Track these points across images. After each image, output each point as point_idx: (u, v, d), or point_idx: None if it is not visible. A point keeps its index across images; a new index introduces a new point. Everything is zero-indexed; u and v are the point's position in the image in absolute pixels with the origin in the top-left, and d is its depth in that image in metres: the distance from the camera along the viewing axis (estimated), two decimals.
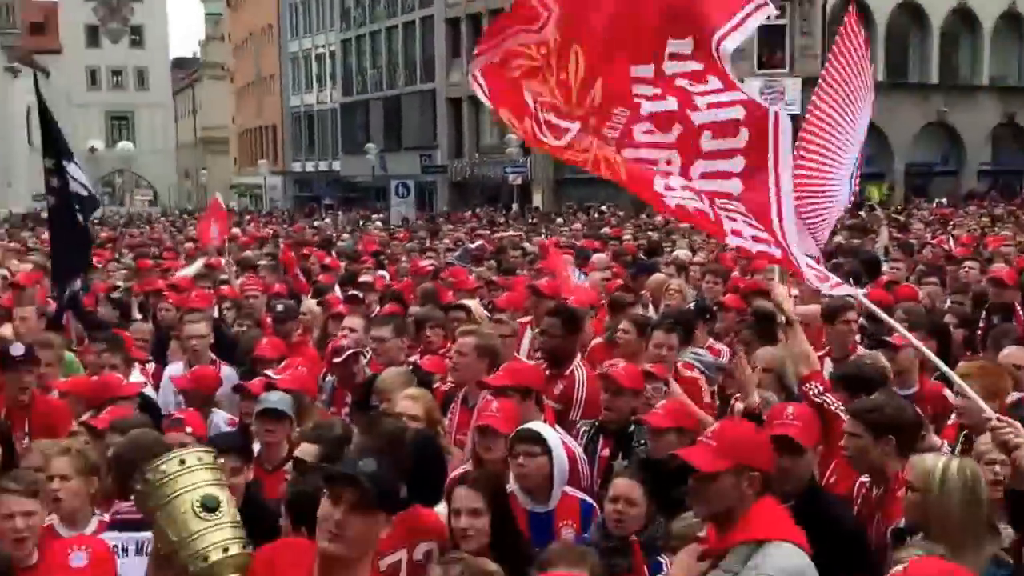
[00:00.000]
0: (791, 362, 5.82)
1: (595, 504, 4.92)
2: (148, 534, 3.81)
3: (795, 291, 7.10)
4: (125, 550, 3.92)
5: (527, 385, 5.51)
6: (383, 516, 3.07)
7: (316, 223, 33.91)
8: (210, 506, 2.73)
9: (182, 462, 2.79)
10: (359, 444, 4.25)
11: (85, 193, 9.21)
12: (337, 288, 11.87)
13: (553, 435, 4.88)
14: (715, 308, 8.68)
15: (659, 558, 4.26)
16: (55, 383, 6.73)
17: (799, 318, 5.52)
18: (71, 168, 8.98)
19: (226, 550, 2.73)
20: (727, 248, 15.12)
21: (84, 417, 5.73)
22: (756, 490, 3.57)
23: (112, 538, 3.93)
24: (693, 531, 3.89)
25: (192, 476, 2.78)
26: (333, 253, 17.40)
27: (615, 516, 4.49)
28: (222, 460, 2.99)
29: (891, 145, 41.92)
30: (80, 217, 9.16)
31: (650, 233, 19.98)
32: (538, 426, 4.93)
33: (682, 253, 13.88)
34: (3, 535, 4.19)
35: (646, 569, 4.13)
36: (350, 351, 6.90)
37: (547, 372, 6.50)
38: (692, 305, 8.79)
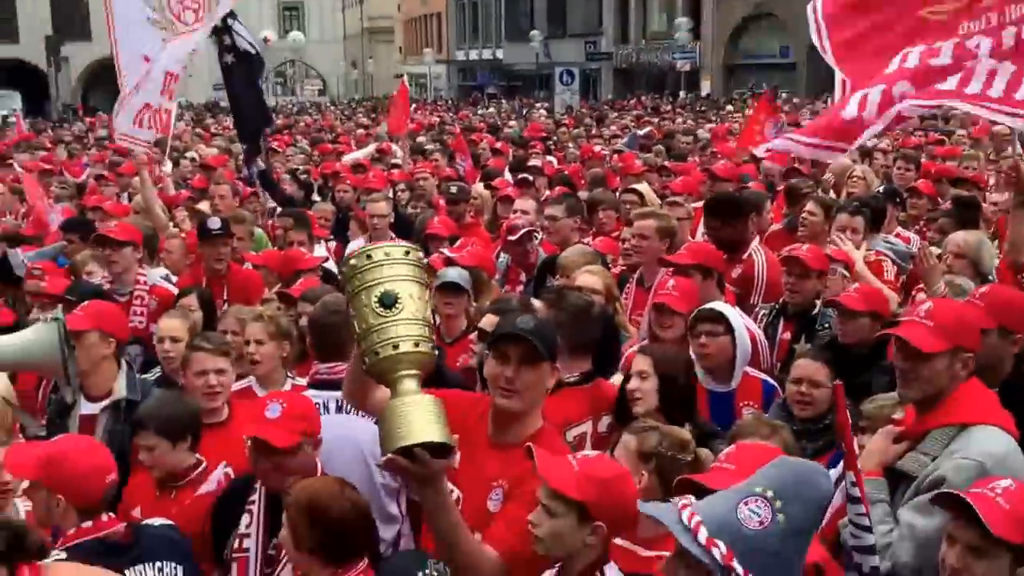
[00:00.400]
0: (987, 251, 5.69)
1: (777, 386, 4.86)
2: None
3: None
4: (326, 408, 4.08)
5: (709, 265, 5.44)
6: (548, 366, 3.21)
7: (481, 111, 33.98)
8: (387, 303, 2.69)
9: (368, 257, 2.77)
10: (549, 317, 4.29)
11: (253, 51, 9.47)
12: (507, 172, 11.95)
13: (735, 315, 4.82)
14: (905, 194, 8.29)
15: None
16: (248, 255, 7.09)
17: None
18: (236, 26, 9.24)
19: (396, 347, 2.69)
20: (914, 132, 14.47)
21: (277, 288, 6.03)
22: (968, 372, 3.42)
23: (312, 395, 4.08)
24: (885, 413, 3.78)
25: (376, 272, 2.74)
26: (501, 139, 17.45)
27: (798, 398, 4.42)
28: (420, 255, 2.88)
29: None
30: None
31: None
32: (720, 306, 4.87)
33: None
34: (196, 390, 4.47)
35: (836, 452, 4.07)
36: (525, 230, 6.95)
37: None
38: (880, 190, 8.41)
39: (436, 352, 2.83)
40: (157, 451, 4.00)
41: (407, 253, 2.80)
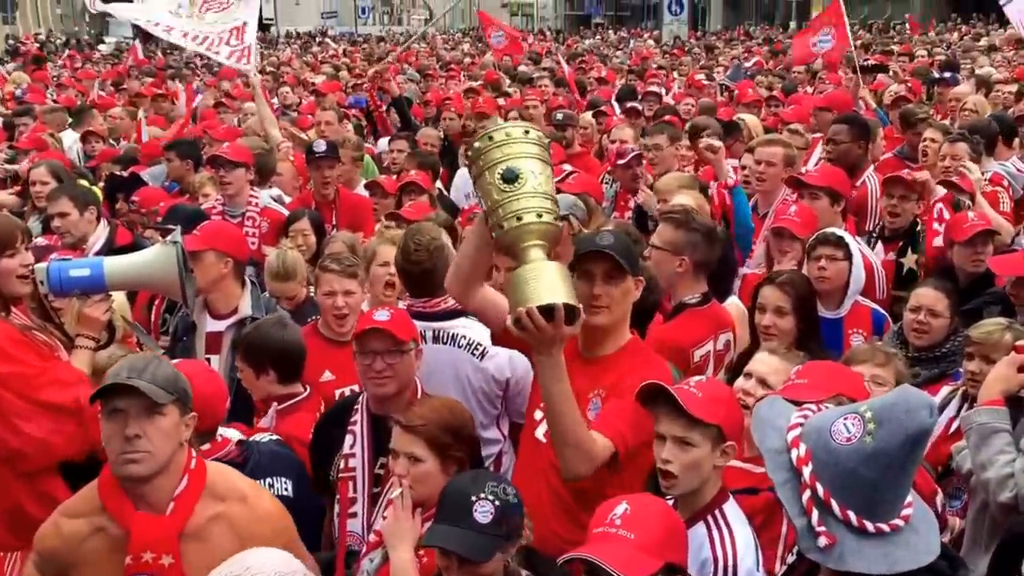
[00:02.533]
0: None
1: (887, 316, 4.81)
2: (442, 323, 4.08)
3: None
4: (423, 336, 4.03)
5: (838, 189, 5.40)
6: (632, 280, 3.26)
7: (588, 42, 33.53)
8: (508, 178, 2.79)
9: (490, 138, 2.86)
10: (678, 237, 4.34)
11: None
12: (614, 101, 11.81)
13: (855, 243, 4.79)
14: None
15: (961, 369, 4.08)
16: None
17: None
18: None
19: (519, 219, 2.78)
20: None
21: (392, 210, 6.08)
22: None
23: None
24: (994, 338, 3.71)
25: (498, 151, 2.83)
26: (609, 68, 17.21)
27: (916, 326, 4.34)
28: (540, 135, 2.92)
29: None
30: None
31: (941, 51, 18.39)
32: (841, 231, 4.82)
33: (985, 71, 12.71)
34: (325, 311, 4.54)
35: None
36: (633, 153, 6.89)
37: None
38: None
39: (560, 224, 2.91)
40: (244, 375, 4.13)
41: (527, 132, 2.88)
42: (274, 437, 3.77)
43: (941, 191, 5.85)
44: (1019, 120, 8.48)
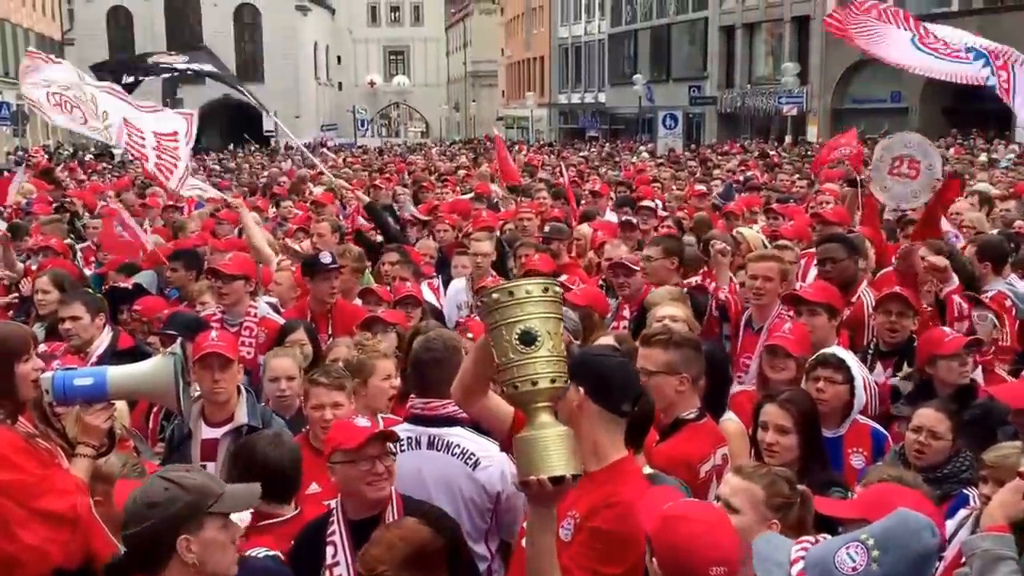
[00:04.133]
0: None
1: (888, 435, 4.77)
2: (438, 430, 4.09)
3: None
4: (418, 443, 4.11)
5: (835, 304, 5.44)
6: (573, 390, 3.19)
7: (583, 153, 34.08)
8: (527, 341, 2.79)
9: (510, 293, 2.85)
10: (667, 357, 4.34)
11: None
12: (609, 212, 11.93)
13: (856, 364, 4.78)
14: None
15: (964, 491, 4.06)
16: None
17: None
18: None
19: (535, 383, 2.80)
20: None
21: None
22: None
23: (406, 430, 4.14)
24: (1010, 462, 3.62)
25: (517, 309, 2.83)
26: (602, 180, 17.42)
27: (916, 447, 4.29)
28: (558, 290, 2.92)
29: None
30: None
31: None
32: (843, 353, 4.83)
33: (983, 186, 12.92)
34: (313, 423, 4.60)
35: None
36: (616, 260, 7.02)
37: None
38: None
39: (568, 384, 2.92)
40: None
41: (546, 290, 2.88)
42: (271, 553, 3.69)
43: (955, 282, 5.87)
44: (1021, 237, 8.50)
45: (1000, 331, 5.77)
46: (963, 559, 3.40)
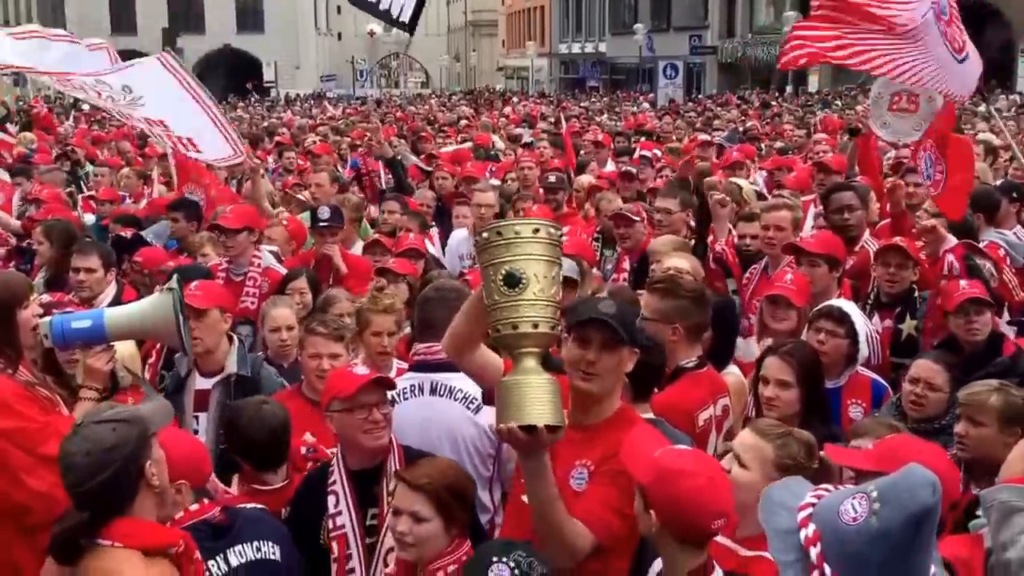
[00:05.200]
0: None
1: (888, 387, 4.76)
2: (441, 375, 4.07)
3: None
4: (420, 389, 4.10)
5: (837, 256, 5.42)
6: (627, 350, 3.21)
7: (583, 104, 33.87)
8: (511, 283, 2.71)
9: (498, 233, 2.77)
10: (666, 305, 4.31)
11: None
12: (611, 163, 11.89)
13: (860, 318, 4.74)
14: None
15: None
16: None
17: None
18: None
19: (515, 327, 2.72)
20: None
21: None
22: None
23: (410, 377, 4.14)
24: (979, 399, 3.72)
25: (504, 249, 2.74)
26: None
27: (912, 399, 4.31)
28: (552, 230, 2.79)
29: None
30: None
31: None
32: (847, 306, 4.79)
33: (987, 136, 12.84)
34: (308, 372, 4.57)
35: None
36: (616, 211, 7.00)
37: None
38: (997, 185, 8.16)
39: (557, 330, 2.84)
40: None
41: (536, 231, 2.77)
42: (259, 506, 3.67)
43: (952, 241, 5.81)
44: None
45: (995, 279, 5.75)
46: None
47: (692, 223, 6.96)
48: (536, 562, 2.79)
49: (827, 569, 2.08)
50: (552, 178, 8.79)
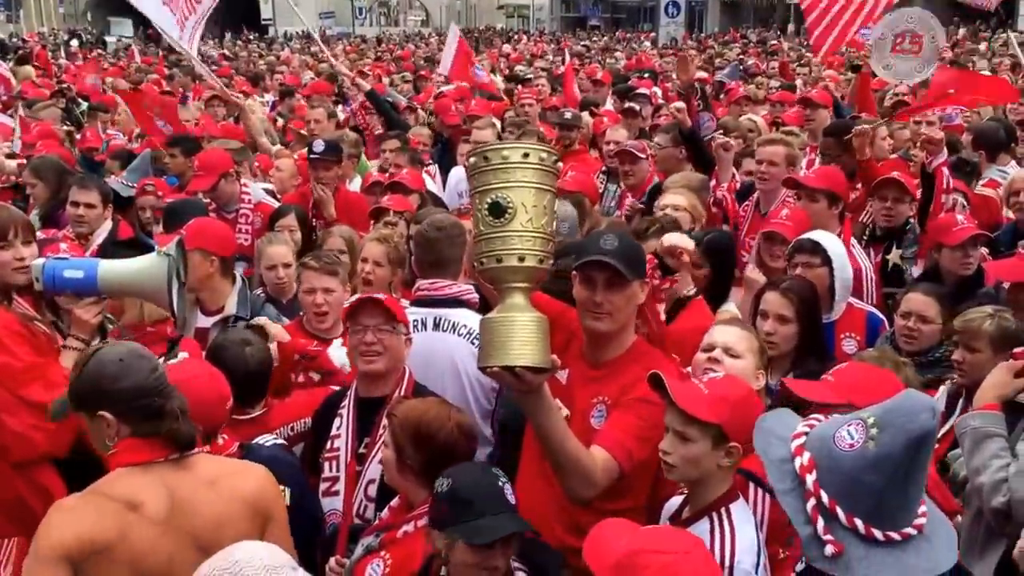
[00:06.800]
0: None
1: (884, 319, 4.74)
2: (444, 310, 4.12)
3: None
4: (424, 324, 4.13)
5: (836, 190, 5.36)
6: (636, 284, 3.17)
7: (583, 42, 33.49)
8: (495, 211, 2.52)
9: (485, 158, 2.58)
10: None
11: None
12: (610, 101, 11.80)
13: (836, 246, 4.64)
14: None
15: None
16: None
17: None
18: None
19: (499, 260, 2.55)
20: None
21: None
22: None
23: (412, 312, 4.14)
24: (973, 326, 3.77)
25: (491, 176, 2.56)
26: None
27: (905, 332, 4.32)
28: (545, 156, 2.61)
29: None
30: None
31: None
32: (819, 235, 4.68)
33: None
34: (306, 307, 4.63)
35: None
36: (621, 148, 6.96)
37: None
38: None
39: (547, 264, 2.66)
40: None
41: (526, 155, 2.57)
42: (278, 441, 3.75)
43: (945, 154, 5.90)
44: (1020, 125, 8.47)
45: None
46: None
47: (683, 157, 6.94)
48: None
49: (824, 496, 2.10)
50: (568, 115, 8.64)
